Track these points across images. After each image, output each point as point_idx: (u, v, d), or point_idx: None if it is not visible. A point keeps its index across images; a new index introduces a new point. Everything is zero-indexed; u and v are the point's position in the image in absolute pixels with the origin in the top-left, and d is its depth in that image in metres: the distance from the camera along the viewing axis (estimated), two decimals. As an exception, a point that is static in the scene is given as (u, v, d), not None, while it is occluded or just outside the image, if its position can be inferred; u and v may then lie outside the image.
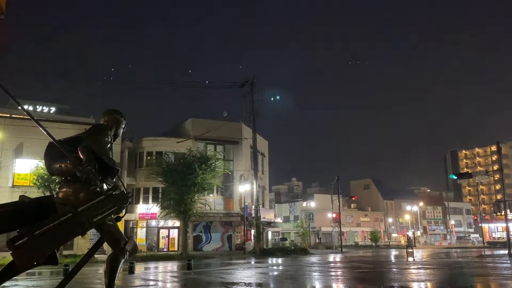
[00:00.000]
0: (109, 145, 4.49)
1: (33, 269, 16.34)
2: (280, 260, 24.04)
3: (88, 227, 3.82)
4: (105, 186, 4.21)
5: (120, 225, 4.67)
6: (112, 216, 4.03)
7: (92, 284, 10.85)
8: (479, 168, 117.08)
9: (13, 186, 29.75)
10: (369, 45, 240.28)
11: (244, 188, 37.39)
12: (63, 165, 4.17)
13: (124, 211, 4.07)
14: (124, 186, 4.23)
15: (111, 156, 4.42)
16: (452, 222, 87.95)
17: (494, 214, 48.14)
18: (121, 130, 4.85)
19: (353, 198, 68.93)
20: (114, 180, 4.36)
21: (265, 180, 47.38)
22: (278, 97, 36.45)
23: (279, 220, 60.98)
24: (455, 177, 38.32)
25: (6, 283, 10.30)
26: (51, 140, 4.05)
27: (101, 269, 15.95)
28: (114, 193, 3.94)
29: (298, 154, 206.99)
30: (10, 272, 4.02)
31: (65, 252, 24.78)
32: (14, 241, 3.44)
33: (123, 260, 4.23)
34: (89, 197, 3.90)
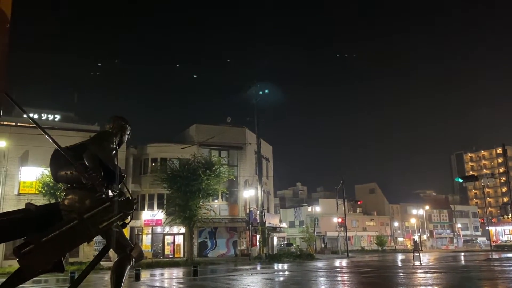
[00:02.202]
0: (114, 151, 4.50)
1: (40, 277, 16.35)
2: (286, 266, 23.95)
3: (94, 234, 3.83)
4: (110, 193, 4.22)
5: (126, 232, 4.67)
6: (118, 222, 4.04)
7: (98, 291, 10.83)
8: (485, 171, 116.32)
9: (19, 194, 29.88)
10: (372, 43, 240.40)
11: (248, 194, 37.36)
12: (68, 172, 4.18)
13: (129, 217, 4.08)
14: (129, 193, 4.24)
15: (116, 163, 4.43)
16: (459, 225, 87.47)
17: (501, 217, 47.86)
18: (126, 137, 4.85)
19: (359, 203, 68.84)
20: (120, 186, 4.37)
21: (270, 185, 47.34)
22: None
23: (284, 225, 60.86)
24: (461, 180, 38.02)
25: (13, 291, 10.19)
26: (57, 147, 4.07)
27: (107, 276, 15.94)
28: (119, 199, 3.95)
29: (302, 159, 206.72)
30: (16, 279, 4.02)
31: (70, 260, 24.82)
32: (21, 249, 3.44)
33: (129, 267, 4.23)
34: (94, 204, 3.90)
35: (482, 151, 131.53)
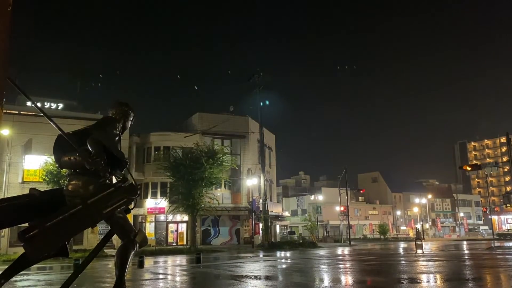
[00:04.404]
0: (117, 137, 4.49)
1: (44, 264, 16.51)
2: (288, 254, 24.08)
3: (97, 219, 3.85)
4: (114, 179, 4.22)
5: (129, 219, 4.70)
6: (122, 208, 4.05)
7: (102, 278, 10.94)
8: (488, 160, 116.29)
9: (23, 182, 30.05)
10: (378, 35, 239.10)
11: (251, 182, 37.44)
12: (72, 158, 4.18)
13: (133, 203, 4.09)
14: (133, 178, 4.24)
15: (119, 149, 4.42)
16: (461, 214, 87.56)
17: (504, 206, 47.86)
18: (130, 123, 4.85)
19: (361, 191, 68.81)
20: (123, 172, 4.37)
21: (273, 174, 47.40)
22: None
23: (287, 213, 61.07)
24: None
25: (18, 277, 10.39)
26: (60, 133, 4.06)
27: (111, 264, 16.06)
28: (123, 185, 3.96)
29: (305, 148, 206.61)
30: (21, 264, 4.06)
31: (74, 247, 25.02)
32: (25, 233, 3.46)
33: (133, 252, 4.26)
34: (98, 189, 3.91)
35: (486, 140, 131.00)
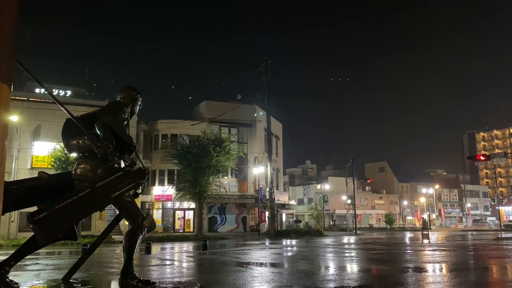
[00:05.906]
0: (126, 121, 4.48)
1: (52, 249, 16.71)
2: (294, 242, 24.16)
3: (106, 203, 3.86)
4: (122, 163, 4.23)
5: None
6: (130, 192, 4.05)
7: (109, 263, 11.05)
8: (497, 151, 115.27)
9: (32, 168, 30.31)
10: (382, 26, 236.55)
11: (258, 171, 37.49)
12: (80, 142, 4.18)
13: (141, 187, 4.09)
14: (141, 163, 4.24)
15: (128, 133, 4.42)
16: (469, 205, 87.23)
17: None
18: (138, 107, 4.83)
19: (368, 181, 68.72)
20: (131, 156, 4.37)
21: (279, 163, 47.41)
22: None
23: (293, 202, 61.21)
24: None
25: (27, 261, 10.50)
26: (69, 116, 4.06)
27: (118, 249, 16.21)
28: (131, 169, 3.96)
29: (312, 137, 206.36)
30: (30, 247, 4.10)
31: (82, 233, 25.27)
32: (34, 216, 3.49)
33: (141, 236, 4.27)
34: (106, 173, 3.92)
35: (495, 131, 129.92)
